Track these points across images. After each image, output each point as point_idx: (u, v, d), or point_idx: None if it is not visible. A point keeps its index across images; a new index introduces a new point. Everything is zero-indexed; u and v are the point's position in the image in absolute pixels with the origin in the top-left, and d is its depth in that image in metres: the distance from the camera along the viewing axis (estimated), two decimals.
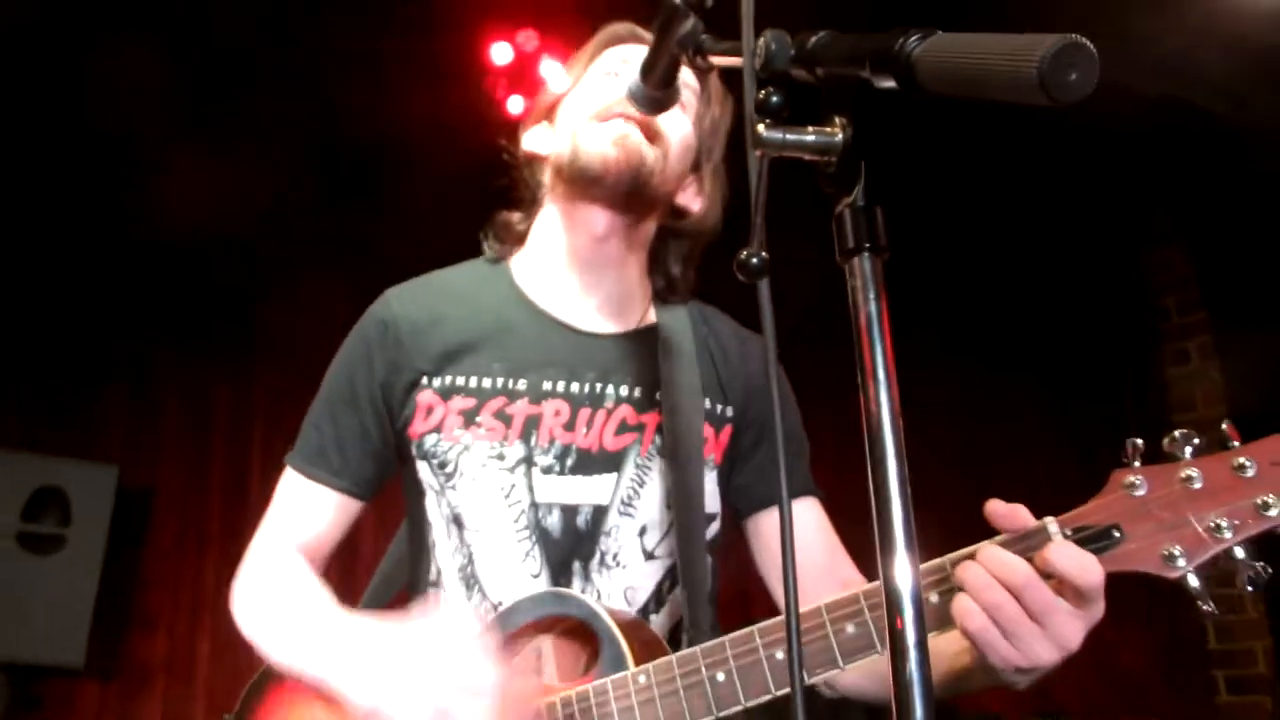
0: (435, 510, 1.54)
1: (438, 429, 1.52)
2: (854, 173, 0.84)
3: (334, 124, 4.20)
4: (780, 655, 1.19)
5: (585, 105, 1.57)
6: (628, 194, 1.52)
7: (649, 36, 1.60)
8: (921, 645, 0.73)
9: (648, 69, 1.30)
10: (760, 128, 0.86)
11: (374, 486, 1.61)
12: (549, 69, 3.87)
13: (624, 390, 1.54)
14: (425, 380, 1.54)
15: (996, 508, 1.12)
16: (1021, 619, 1.05)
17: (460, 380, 1.53)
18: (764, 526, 1.60)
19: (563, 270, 1.60)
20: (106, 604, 4.03)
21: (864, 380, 0.80)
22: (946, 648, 1.22)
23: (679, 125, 1.57)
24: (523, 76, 3.89)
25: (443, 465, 1.52)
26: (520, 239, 1.68)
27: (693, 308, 1.67)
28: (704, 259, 1.70)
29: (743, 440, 1.61)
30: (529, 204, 1.69)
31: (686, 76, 1.56)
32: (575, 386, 1.53)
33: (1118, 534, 1.08)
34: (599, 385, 1.54)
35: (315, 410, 1.62)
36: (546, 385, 1.53)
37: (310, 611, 1.46)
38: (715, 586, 1.55)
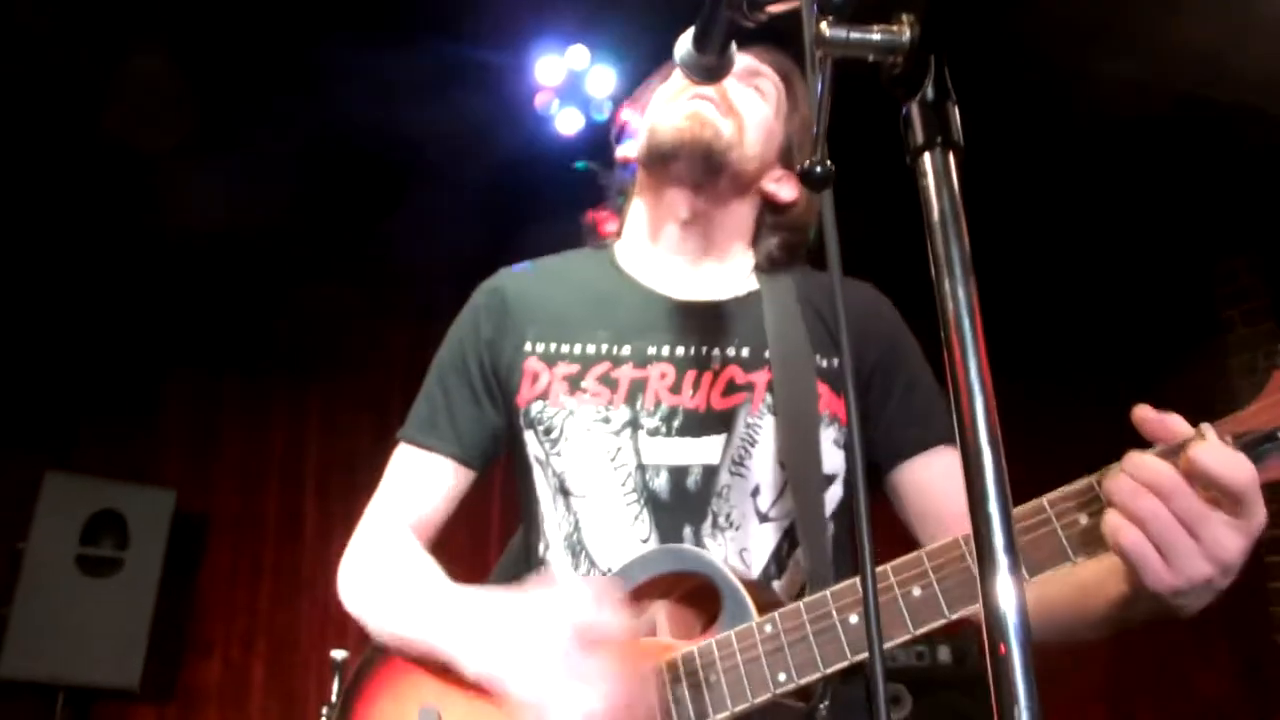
0: (542, 482, 1.51)
1: (544, 396, 1.50)
2: (922, 71, 0.80)
3: (383, 148, 4.25)
4: (918, 592, 1.12)
5: (663, 94, 1.58)
6: (704, 166, 1.51)
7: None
8: (1028, 673, 0.66)
9: (700, 36, 1.25)
10: (823, 26, 0.82)
11: (486, 456, 1.58)
12: (598, 82, 3.88)
13: (730, 351, 1.50)
14: (530, 347, 1.54)
15: (1146, 414, 1.04)
16: (1175, 529, 0.97)
17: (565, 347, 1.52)
18: (905, 479, 1.50)
19: (659, 253, 1.60)
20: (162, 628, 4.07)
21: (938, 281, 0.75)
22: (1095, 577, 1.14)
23: (757, 106, 1.57)
24: (573, 92, 3.90)
25: (548, 432, 1.50)
26: (615, 233, 1.69)
27: (795, 272, 1.62)
28: None
29: (871, 394, 1.53)
30: (618, 206, 1.71)
31: (767, 69, 1.58)
32: (680, 350, 1.50)
33: None
34: (704, 348, 1.50)
35: (427, 384, 1.62)
36: (651, 350, 1.50)
37: (419, 583, 1.44)
38: (844, 554, 1.48)
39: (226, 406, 4.64)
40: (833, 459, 1.47)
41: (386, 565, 1.49)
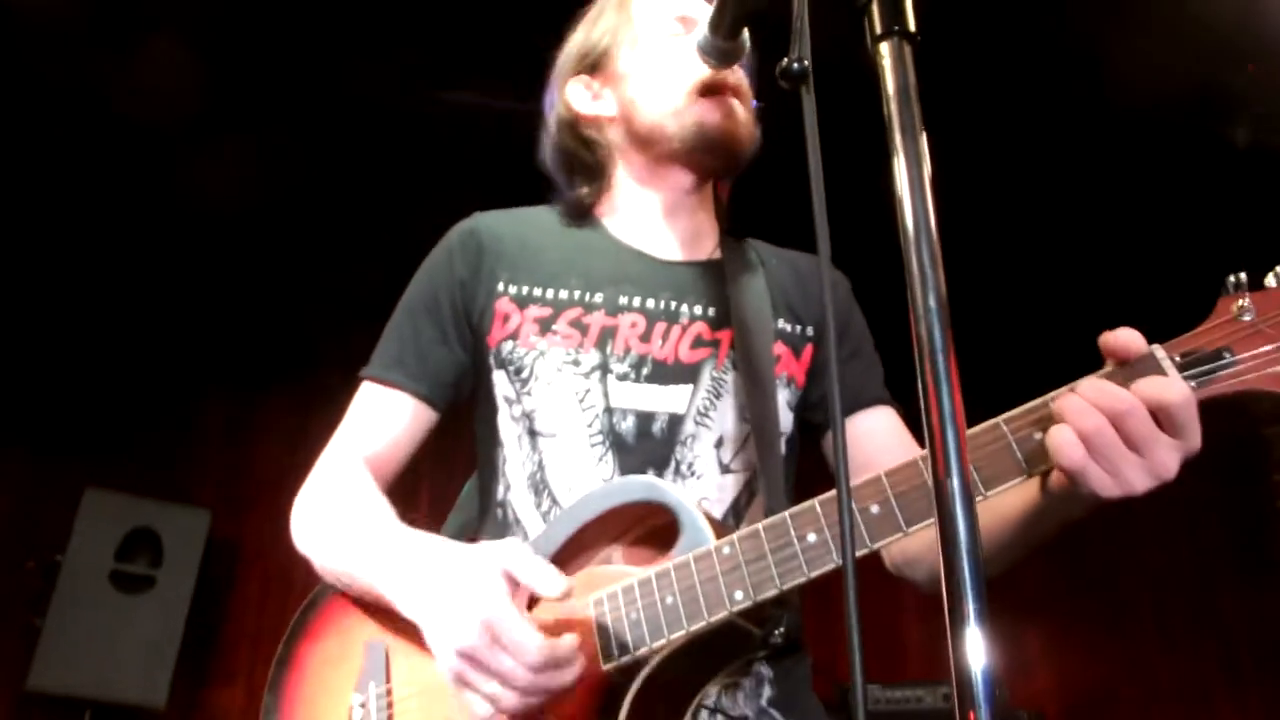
0: (508, 423, 1.53)
1: (514, 336, 1.53)
2: None
3: (431, 188, 4.42)
4: (876, 509, 1.14)
5: (677, 75, 1.57)
6: (734, 164, 1.61)
7: None
8: None
9: (716, 22, 1.35)
10: None
11: (450, 397, 1.59)
12: None
13: (698, 309, 1.55)
14: (502, 288, 1.56)
15: (1108, 336, 1.10)
16: (1118, 445, 1.03)
17: (538, 291, 1.55)
18: (850, 430, 1.56)
19: (643, 213, 1.65)
20: (191, 648, 4.12)
21: (892, 155, 0.84)
22: (1018, 498, 1.20)
23: (746, 83, 1.63)
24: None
25: (518, 371, 1.52)
26: (596, 201, 1.68)
27: (753, 243, 1.70)
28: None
29: (819, 355, 1.59)
30: (590, 168, 1.67)
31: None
32: (651, 303, 1.55)
33: (1229, 355, 1.06)
34: (674, 303, 1.55)
35: (394, 321, 1.63)
36: (623, 300, 1.54)
37: (365, 522, 1.43)
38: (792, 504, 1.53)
39: (263, 429, 4.74)
40: (785, 419, 1.54)
41: (336, 503, 1.49)
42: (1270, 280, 1.09)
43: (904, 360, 0.90)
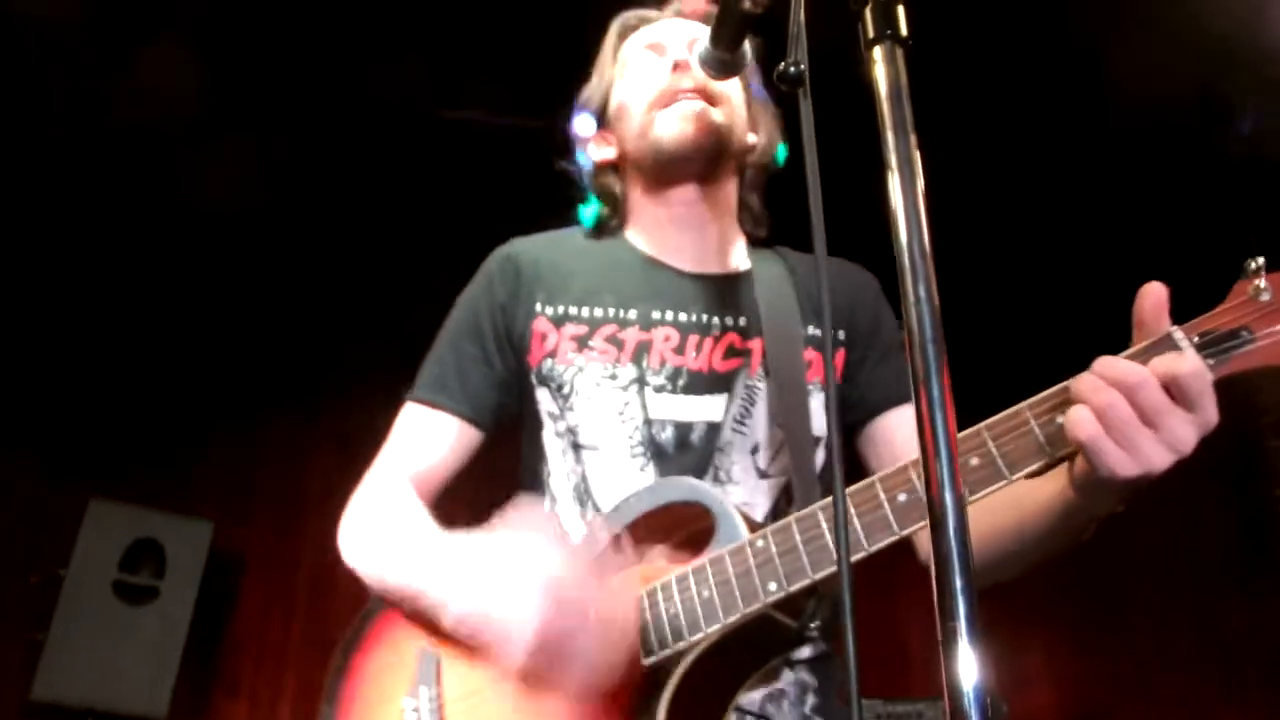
0: (552, 439, 1.58)
1: (552, 354, 1.58)
2: None
3: (438, 207, 4.47)
4: (903, 498, 1.17)
5: (640, 96, 1.65)
6: (712, 161, 1.63)
7: (655, 15, 1.75)
8: None
9: (716, 32, 1.37)
10: None
11: (493, 418, 1.63)
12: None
13: (729, 320, 1.60)
14: (539, 309, 1.61)
15: (1149, 294, 1.12)
16: (1132, 419, 1.05)
17: (573, 309, 1.60)
18: (875, 432, 1.60)
19: (662, 229, 1.69)
20: (192, 660, 4.13)
21: (886, 155, 0.88)
22: (1044, 491, 1.22)
23: (730, 81, 1.64)
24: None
25: (560, 388, 1.57)
26: (623, 222, 1.76)
27: (780, 251, 1.73)
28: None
29: (852, 356, 1.63)
30: (615, 199, 1.75)
31: None
32: (683, 316, 1.59)
33: (1246, 334, 1.08)
34: (705, 315, 1.60)
35: (437, 346, 1.68)
36: (655, 314, 1.59)
37: (409, 534, 1.49)
38: None
39: (266, 442, 4.77)
40: (820, 422, 1.56)
41: (382, 519, 1.54)
42: None
43: None
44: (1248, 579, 5.36)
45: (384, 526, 1.53)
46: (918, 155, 0.87)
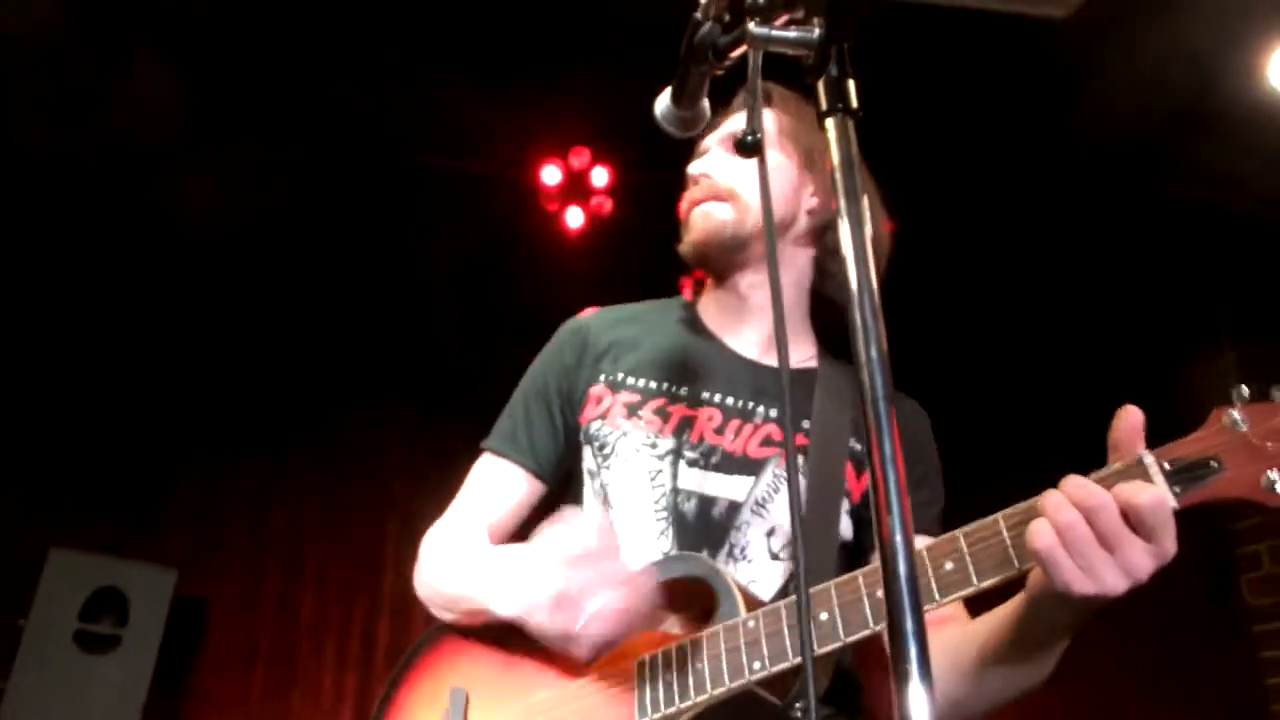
0: (590, 493, 1.68)
1: (603, 416, 1.68)
2: (828, 58, 0.99)
3: (402, 255, 4.49)
4: (880, 594, 1.20)
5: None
6: (724, 257, 1.74)
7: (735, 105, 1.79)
8: None
9: (677, 91, 1.41)
10: (751, 25, 1.03)
11: (556, 472, 1.76)
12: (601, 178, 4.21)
13: (773, 412, 1.67)
14: (601, 376, 1.73)
15: (1125, 419, 1.15)
16: (1090, 541, 1.07)
17: (630, 379, 1.71)
18: (874, 557, 1.62)
19: (727, 313, 1.80)
20: (155, 709, 4.06)
21: (840, 221, 0.93)
22: (1015, 606, 1.26)
23: (745, 169, 1.73)
24: (577, 191, 4.23)
25: (602, 448, 1.67)
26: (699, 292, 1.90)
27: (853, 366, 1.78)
28: None
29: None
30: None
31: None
32: (731, 400, 1.67)
33: (1215, 464, 1.09)
34: (751, 404, 1.67)
35: (511, 403, 1.82)
36: (705, 395, 1.68)
37: (469, 552, 1.62)
38: None
39: (232, 489, 4.75)
40: (845, 526, 1.62)
41: (452, 549, 1.66)
42: (1275, 394, 1.11)
43: None
44: (1210, 620, 5.44)
45: (451, 555, 1.66)
46: (869, 222, 0.92)
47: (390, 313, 4.69)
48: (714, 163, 1.76)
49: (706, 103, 1.49)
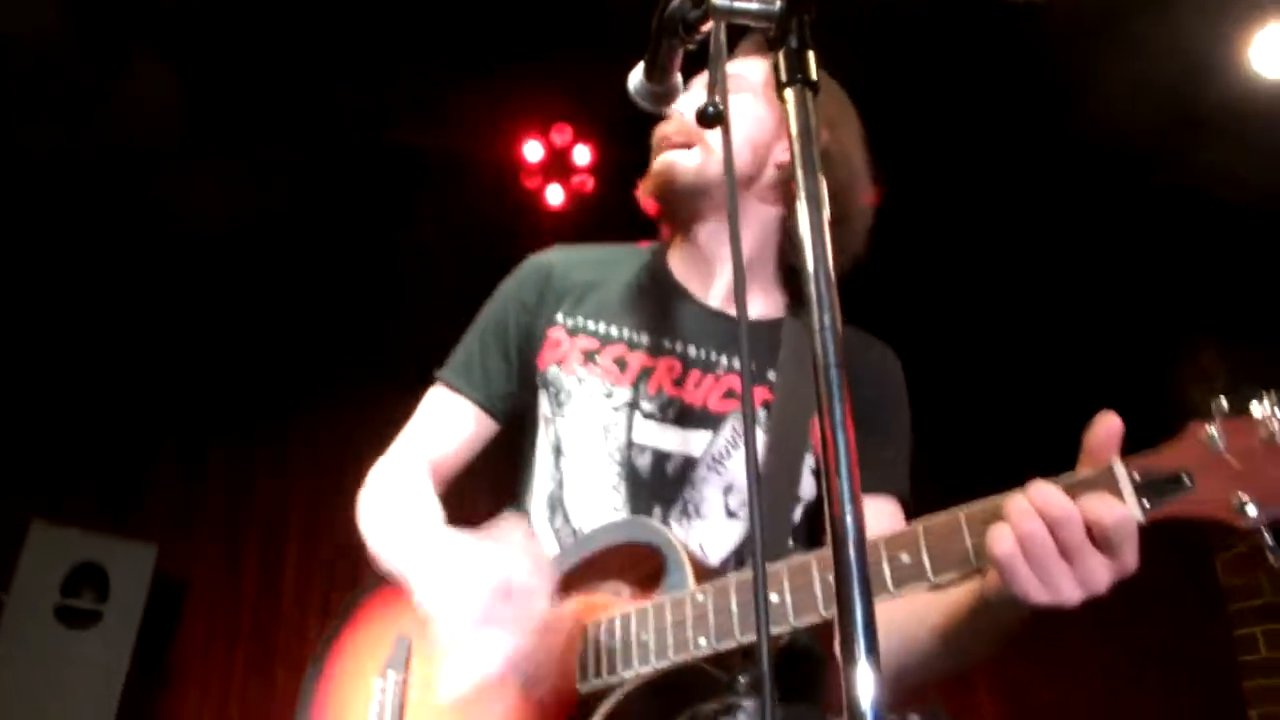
0: (543, 440, 1.64)
1: (560, 361, 1.65)
2: (789, 30, 1.00)
3: (382, 232, 4.49)
4: (832, 579, 1.19)
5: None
6: (690, 204, 1.67)
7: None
8: None
9: (649, 65, 1.40)
10: None
11: (506, 410, 1.72)
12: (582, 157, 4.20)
13: (736, 363, 1.61)
14: (560, 318, 1.69)
15: (1102, 426, 1.11)
16: (1050, 552, 1.06)
17: (590, 324, 1.67)
18: None
19: (694, 261, 1.73)
20: (136, 685, 4.07)
21: (796, 190, 0.93)
22: (969, 593, 1.24)
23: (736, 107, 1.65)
24: (558, 168, 4.22)
25: (557, 394, 1.63)
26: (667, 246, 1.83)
27: None
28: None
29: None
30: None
31: (742, 68, 1.69)
32: (692, 350, 1.63)
33: (1187, 480, 1.06)
34: (714, 354, 1.62)
35: (467, 336, 1.77)
36: (666, 344, 1.63)
37: (409, 517, 1.55)
38: None
39: (213, 465, 4.75)
40: (808, 485, 1.58)
41: (393, 497, 1.62)
42: (1254, 408, 1.06)
43: None
44: (1185, 599, 5.50)
45: (392, 508, 1.60)
46: (825, 191, 0.93)
47: (370, 291, 4.69)
48: (692, 101, 1.64)
49: (679, 77, 1.49)
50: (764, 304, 1.72)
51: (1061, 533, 1.06)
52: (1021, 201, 4.49)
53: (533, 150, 4.22)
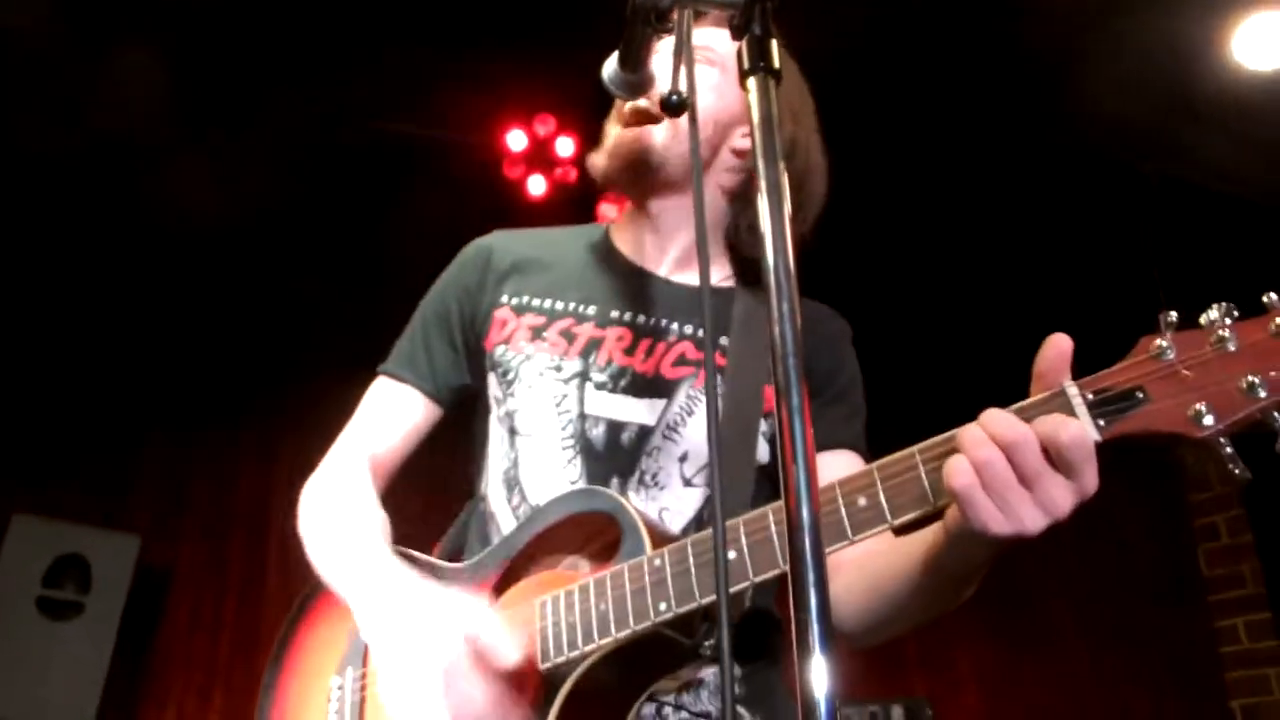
0: (494, 422, 1.62)
1: (507, 341, 1.63)
2: (752, 18, 1.00)
3: (368, 222, 4.47)
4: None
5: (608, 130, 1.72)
6: (649, 178, 1.64)
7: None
8: None
9: (623, 54, 1.39)
10: None
11: (454, 397, 1.70)
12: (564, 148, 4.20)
13: (688, 329, 1.61)
14: (505, 299, 1.67)
15: (1053, 346, 1.09)
16: (1009, 479, 1.03)
17: (536, 301, 1.65)
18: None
19: (640, 233, 1.73)
20: (119, 676, 4.07)
21: (757, 178, 0.93)
22: (934, 535, 1.23)
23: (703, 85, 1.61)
24: (541, 159, 4.22)
25: (506, 373, 1.61)
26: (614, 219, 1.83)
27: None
28: None
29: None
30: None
31: (712, 39, 1.67)
32: (641, 319, 1.62)
33: (1141, 395, 1.04)
34: (664, 321, 1.61)
35: (410, 324, 1.75)
36: (614, 314, 1.62)
37: (353, 534, 1.51)
38: None
39: (196, 456, 4.73)
40: (763, 450, 1.56)
41: (334, 506, 1.58)
42: (1203, 318, 1.05)
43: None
44: (1168, 590, 5.54)
45: (334, 520, 1.56)
46: (786, 181, 0.93)
47: (353, 280, 4.67)
48: (663, 69, 1.66)
49: (653, 67, 1.50)
50: (714, 273, 1.70)
51: (1017, 457, 1.03)
52: (1008, 192, 4.49)
53: (516, 140, 4.22)
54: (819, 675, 0.75)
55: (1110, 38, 3.71)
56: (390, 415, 1.69)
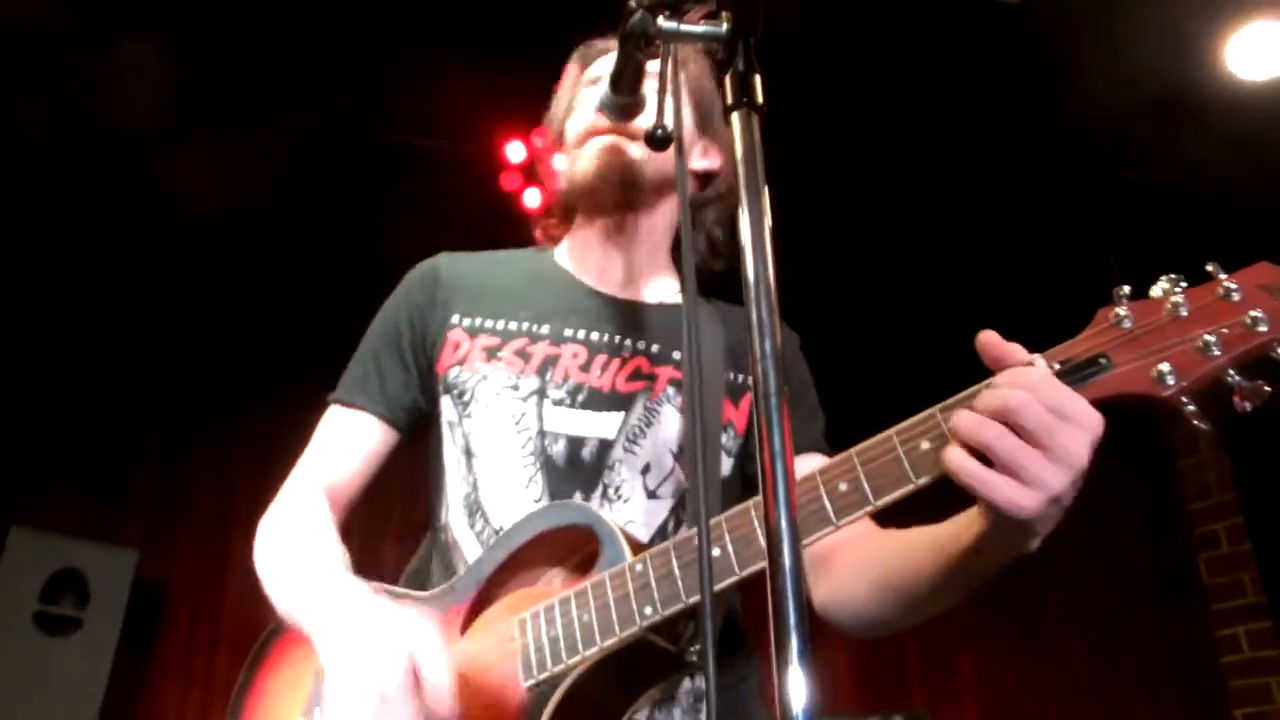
0: (451, 445, 1.60)
1: (461, 362, 1.61)
2: (735, 53, 1.00)
3: (367, 227, 4.47)
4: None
5: (571, 133, 1.72)
6: (624, 192, 1.66)
7: (611, 45, 1.76)
8: None
9: (616, 78, 1.42)
10: (660, 20, 1.03)
11: (408, 419, 1.67)
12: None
13: (641, 345, 1.62)
14: (457, 320, 1.66)
15: (988, 340, 1.10)
16: (1020, 446, 1.02)
17: (489, 322, 1.65)
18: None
19: (589, 252, 1.74)
20: (117, 692, 4.06)
21: (740, 214, 0.93)
22: (952, 529, 1.20)
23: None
24: (538, 172, 4.20)
25: (461, 395, 1.59)
26: (557, 240, 1.84)
27: (714, 302, 1.75)
28: None
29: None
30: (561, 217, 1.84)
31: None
32: (595, 335, 1.62)
33: (1105, 361, 1.07)
34: (618, 338, 1.62)
35: (359, 351, 1.73)
36: (568, 331, 1.62)
37: (311, 564, 1.44)
38: None
39: (193, 469, 4.73)
40: (726, 464, 1.57)
41: (291, 539, 1.52)
42: (1155, 290, 1.10)
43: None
44: (1168, 599, 5.53)
45: (289, 551, 1.50)
46: (768, 216, 0.93)
47: (348, 292, 4.66)
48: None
49: (646, 90, 1.49)
50: (664, 287, 1.73)
51: (1023, 419, 1.02)
52: (998, 194, 4.49)
53: (515, 151, 4.22)
54: (797, 688, 0.76)
55: (1103, 42, 3.71)
56: (345, 443, 1.65)
